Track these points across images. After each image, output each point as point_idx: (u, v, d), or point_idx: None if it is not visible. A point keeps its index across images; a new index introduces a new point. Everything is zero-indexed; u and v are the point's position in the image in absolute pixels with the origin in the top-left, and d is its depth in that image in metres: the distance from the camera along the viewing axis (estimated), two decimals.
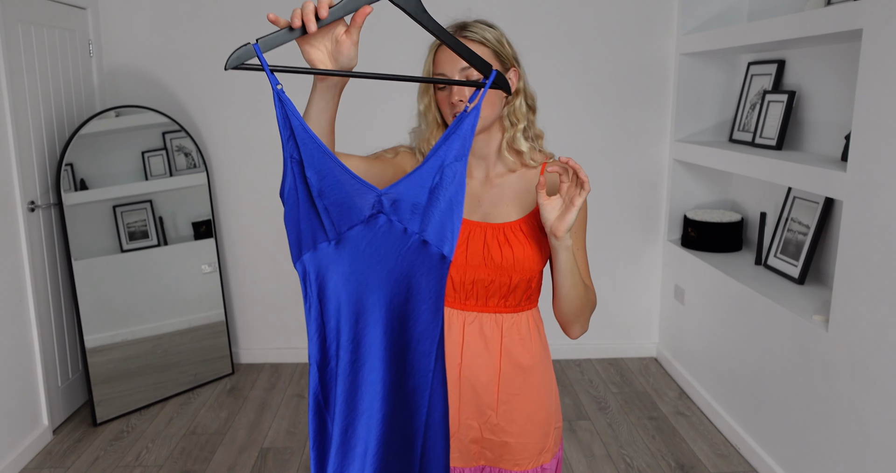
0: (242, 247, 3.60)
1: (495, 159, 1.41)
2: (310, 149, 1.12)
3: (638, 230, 3.63)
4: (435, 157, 1.19)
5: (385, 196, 1.18)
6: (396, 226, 1.20)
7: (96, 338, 3.05)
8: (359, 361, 1.23)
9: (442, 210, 1.21)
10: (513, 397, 1.42)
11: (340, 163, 1.13)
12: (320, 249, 1.18)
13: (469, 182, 1.41)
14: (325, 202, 1.15)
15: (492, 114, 1.34)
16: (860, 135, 2.05)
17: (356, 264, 1.21)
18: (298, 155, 1.12)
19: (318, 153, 1.12)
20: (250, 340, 3.71)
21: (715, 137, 3.44)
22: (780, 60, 2.98)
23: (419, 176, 1.20)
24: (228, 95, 3.46)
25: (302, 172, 1.13)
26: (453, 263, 1.36)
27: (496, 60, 1.33)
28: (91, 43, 3.31)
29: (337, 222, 1.17)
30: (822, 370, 2.26)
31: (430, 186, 1.20)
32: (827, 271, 2.63)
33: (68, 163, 2.99)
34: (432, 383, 1.28)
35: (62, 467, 2.69)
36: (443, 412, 1.30)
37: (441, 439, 1.32)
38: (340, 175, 1.14)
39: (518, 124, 1.38)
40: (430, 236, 1.21)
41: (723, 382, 2.97)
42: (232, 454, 2.80)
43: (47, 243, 2.94)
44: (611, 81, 3.48)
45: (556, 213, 1.26)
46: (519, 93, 1.38)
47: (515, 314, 1.42)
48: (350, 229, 1.18)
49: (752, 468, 2.67)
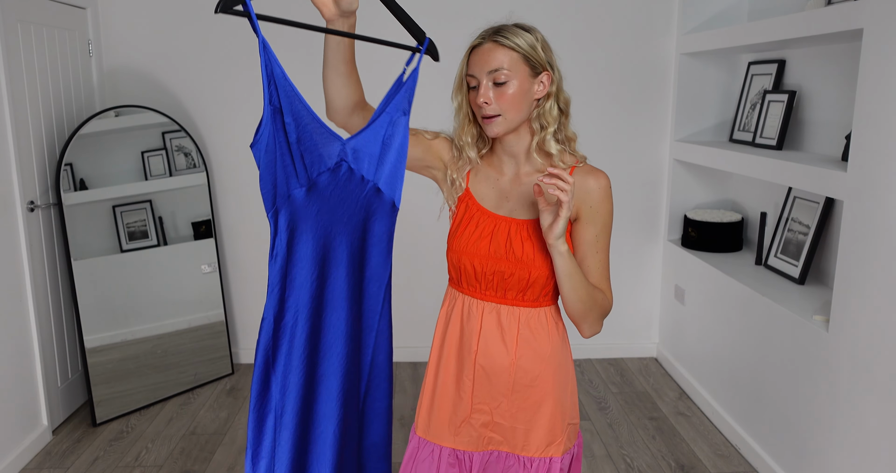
0: (242, 247, 3.60)
1: (525, 159, 1.46)
2: (289, 97, 1.20)
3: (638, 230, 3.63)
4: (385, 112, 1.31)
5: (348, 145, 1.29)
6: (356, 174, 1.31)
7: (96, 338, 3.04)
8: (323, 304, 1.33)
9: (392, 161, 1.34)
10: (526, 387, 1.46)
11: (313, 112, 1.24)
12: (293, 195, 1.27)
13: (499, 178, 1.48)
14: (301, 148, 1.24)
15: (517, 116, 1.39)
16: (860, 135, 2.04)
17: (323, 210, 1.31)
18: (278, 102, 1.20)
19: (297, 101, 1.21)
20: (250, 340, 3.71)
21: (715, 137, 3.44)
22: (781, 59, 2.98)
23: (374, 129, 1.31)
24: (228, 95, 3.46)
25: (281, 119, 1.21)
26: (475, 253, 1.44)
27: (526, 66, 1.37)
28: (91, 43, 3.30)
29: (309, 167, 1.26)
30: (822, 371, 2.25)
31: (383, 137, 1.32)
32: (827, 271, 2.63)
33: (68, 163, 2.99)
34: (379, 324, 1.40)
35: (62, 467, 2.69)
36: (387, 354, 1.42)
37: (385, 381, 1.43)
38: (312, 123, 1.24)
39: (548, 127, 1.42)
40: (382, 185, 1.34)
41: (723, 382, 2.97)
42: (232, 454, 2.80)
43: (47, 243, 2.94)
44: (611, 81, 3.48)
45: (549, 220, 1.32)
46: (550, 96, 1.42)
47: (533, 309, 1.46)
48: (319, 174, 1.28)
49: (752, 468, 2.67)
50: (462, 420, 1.48)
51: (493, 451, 1.49)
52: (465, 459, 1.49)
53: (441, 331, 1.53)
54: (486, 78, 1.36)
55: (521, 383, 1.46)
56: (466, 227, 1.46)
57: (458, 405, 1.48)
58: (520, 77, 1.36)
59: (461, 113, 1.46)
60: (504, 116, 1.37)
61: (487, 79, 1.36)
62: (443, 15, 3.30)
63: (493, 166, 1.49)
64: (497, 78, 1.35)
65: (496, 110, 1.37)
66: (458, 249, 1.45)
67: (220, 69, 3.43)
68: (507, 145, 1.46)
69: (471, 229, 1.45)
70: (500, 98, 1.36)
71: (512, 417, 1.47)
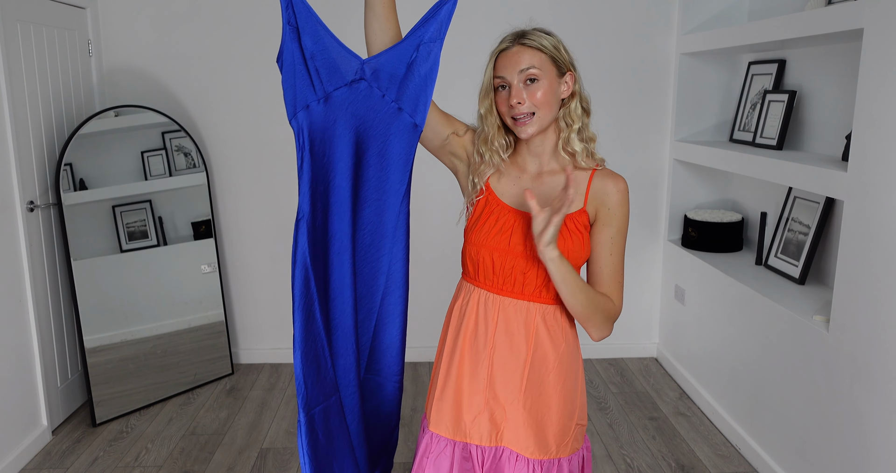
0: (242, 247, 3.60)
1: (549, 158, 1.49)
2: (304, 16, 1.34)
3: (638, 230, 3.63)
4: (414, 36, 1.38)
5: (367, 65, 1.39)
6: (375, 92, 1.40)
7: (96, 338, 3.04)
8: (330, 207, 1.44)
9: (416, 84, 1.40)
10: (538, 384, 1.47)
11: (331, 33, 1.37)
12: (311, 107, 1.38)
13: (521, 176, 1.50)
14: (316, 64, 1.36)
15: (549, 114, 1.42)
16: (861, 135, 2.04)
17: (341, 121, 1.41)
18: (295, 21, 1.34)
19: (312, 21, 1.35)
20: (250, 340, 3.71)
21: (715, 136, 3.43)
22: (781, 59, 2.98)
23: (398, 51, 1.39)
24: (228, 95, 3.45)
25: (297, 36, 1.34)
26: (495, 247, 1.45)
27: (553, 66, 1.42)
28: (90, 42, 3.30)
29: (325, 81, 1.38)
30: (822, 371, 2.25)
31: (408, 61, 1.39)
32: (827, 271, 2.63)
33: (67, 163, 2.99)
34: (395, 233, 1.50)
35: (61, 467, 2.69)
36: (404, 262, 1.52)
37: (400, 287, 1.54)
38: (330, 42, 1.36)
39: (573, 125, 1.46)
40: (405, 105, 1.41)
41: (723, 382, 2.97)
42: (231, 454, 2.80)
43: (46, 243, 2.94)
44: (611, 81, 3.47)
45: (541, 226, 1.33)
46: (575, 95, 1.46)
47: (549, 306, 1.47)
48: (336, 89, 1.38)
49: (752, 468, 2.67)
50: (475, 415, 1.49)
51: (503, 447, 1.49)
52: (478, 453, 1.50)
53: (455, 325, 1.53)
54: (517, 78, 1.39)
55: (534, 380, 1.46)
56: (486, 221, 1.47)
57: (472, 399, 1.49)
58: (548, 77, 1.40)
59: (490, 118, 1.47)
60: (537, 114, 1.40)
61: (518, 79, 1.39)
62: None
63: (516, 164, 1.52)
64: (529, 76, 1.39)
65: (530, 108, 1.39)
66: (476, 242, 1.46)
67: (220, 69, 3.42)
68: (534, 146, 1.48)
69: (490, 222, 1.46)
70: (532, 97, 1.39)
71: (524, 413, 1.47)
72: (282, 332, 3.69)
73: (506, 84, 1.41)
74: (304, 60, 1.34)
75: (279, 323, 3.68)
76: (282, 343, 3.70)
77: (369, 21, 1.42)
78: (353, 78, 1.38)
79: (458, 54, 3.05)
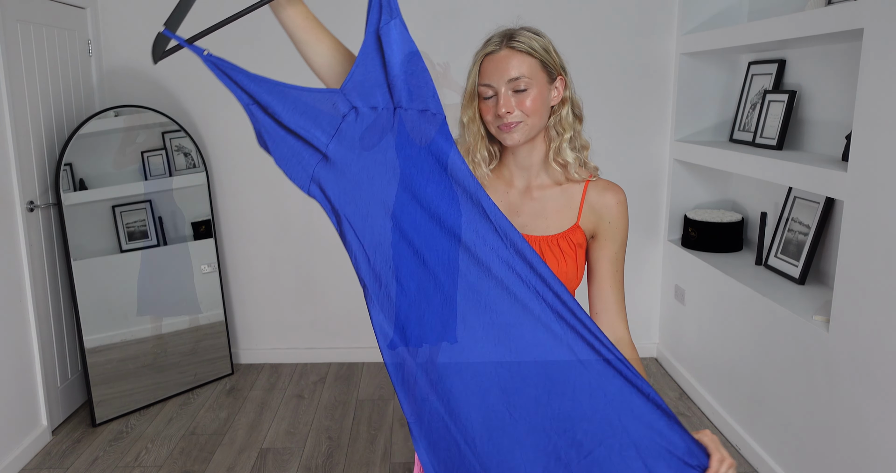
0: (242, 247, 3.60)
1: (538, 170, 1.39)
2: (257, 87, 1.24)
3: (638, 230, 3.63)
4: (368, 31, 1.21)
5: (345, 91, 1.21)
6: (381, 112, 1.22)
7: (95, 338, 3.04)
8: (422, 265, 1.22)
9: (400, 76, 1.20)
10: None
11: (289, 85, 1.22)
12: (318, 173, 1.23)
13: (509, 191, 1.39)
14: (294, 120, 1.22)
15: (539, 122, 1.32)
16: (861, 135, 2.04)
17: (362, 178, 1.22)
18: (251, 99, 1.25)
19: (266, 87, 1.23)
20: (250, 340, 3.71)
21: (715, 136, 3.43)
22: (781, 59, 2.98)
23: (362, 60, 1.21)
24: (228, 95, 3.43)
25: (263, 110, 1.23)
26: None
27: (542, 70, 1.31)
28: (90, 42, 3.30)
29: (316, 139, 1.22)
30: (822, 371, 2.25)
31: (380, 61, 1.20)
32: (827, 271, 2.63)
33: (67, 163, 2.99)
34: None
35: (61, 467, 2.69)
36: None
37: None
38: (294, 91, 1.22)
39: (564, 134, 1.35)
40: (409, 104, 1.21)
41: (723, 382, 2.96)
42: (231, 454, 2.80)
43: (46, 243, 2.94)
44: (611, 81, 3.47)
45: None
46: (566, 102, 1.35)
47: None
48: (331, 138, 1.22)
49: (752, 468, 2.67)
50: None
51: None
52: None
53: None
54: (506, 87, 1.28)
55: None
56: None
57: None
58: (538, 84, 1.30)
59: (473, 126, 1.35)
60: (525, 122, 1.30)
61: (507, 88, 1.28)
62: (442, 12, 3.30)
63: (502, 179, 1.40)
64: (517, 86, 1.28)
65: (518, 117, 1.29)
66: None
67: None
68: (520, 157, 1.37)
69: None
70: (521, 106, 1.29)
71: None
72: (281, 332, 3.69)
73: (492, 92, 1.30)
74: (284, 126, 1.20)
75: (279, 323, 3.68)
76: (281, 343, 3.70)
77: (302, 51, 1.29)
78: (344, 112, 1.21)
79: (454, 55, 3.04)
